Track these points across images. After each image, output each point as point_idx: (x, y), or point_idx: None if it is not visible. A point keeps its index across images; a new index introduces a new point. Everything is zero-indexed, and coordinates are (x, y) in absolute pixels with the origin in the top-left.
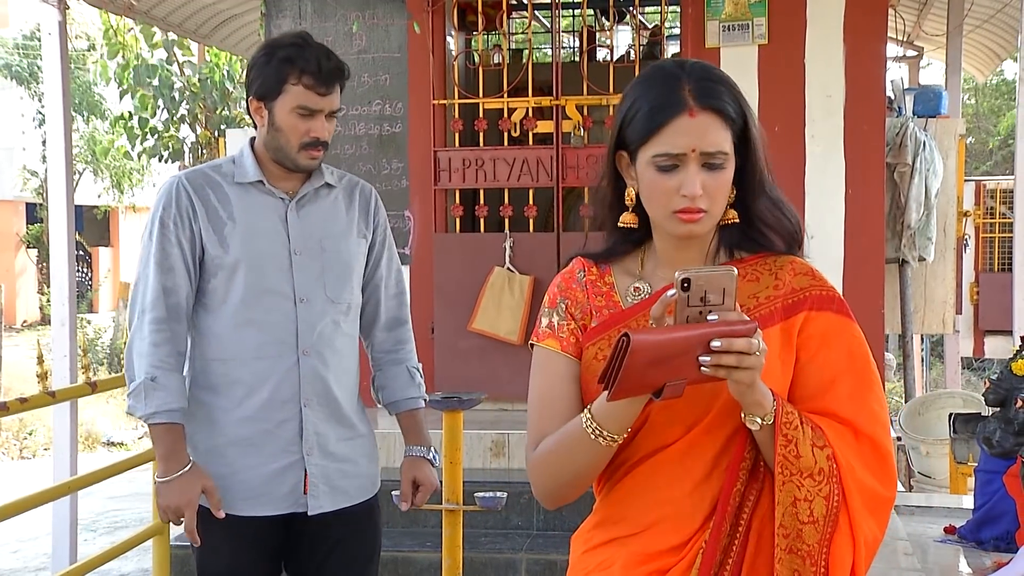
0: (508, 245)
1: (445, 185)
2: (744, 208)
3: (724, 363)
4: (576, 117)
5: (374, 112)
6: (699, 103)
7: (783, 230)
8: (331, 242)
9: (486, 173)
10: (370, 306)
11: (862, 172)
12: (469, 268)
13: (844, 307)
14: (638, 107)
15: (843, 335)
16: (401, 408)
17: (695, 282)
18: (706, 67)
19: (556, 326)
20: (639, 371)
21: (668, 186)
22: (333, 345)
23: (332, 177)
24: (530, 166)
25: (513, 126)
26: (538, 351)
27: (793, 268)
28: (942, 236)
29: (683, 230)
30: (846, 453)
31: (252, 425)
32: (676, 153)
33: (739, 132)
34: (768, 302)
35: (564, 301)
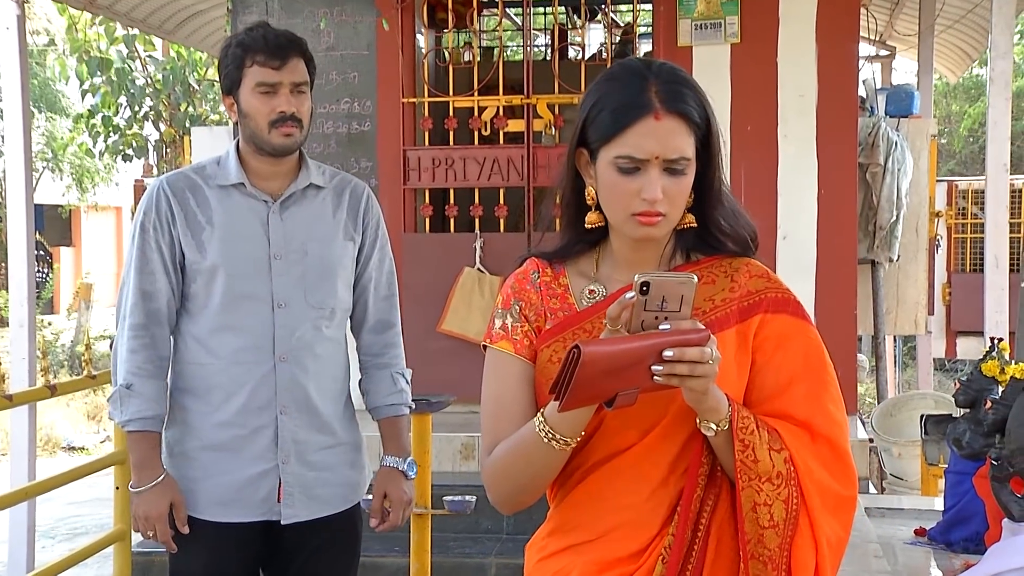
0: (478, 245)
1: (414, 184)
2: (701, 213)
3: (677, 372)
4: (547, 116)
5: (342, 110)
6: (666, 107)
7: (738, 237)
8: (315, 245)
9: (456, 172)
10: (359, 308)
11: (835, 172)
12: (439, 268)
13: (800, 309)
14: (602, 105)
15: (799, 337)
16: (382, 414)
17: (654, 287)
18: (673, 69)
19: (510, 328)
20: (590, 382)
21: (628, 188)
22: (314, 351)
23: (321, 177)
24: (501, 165)
25: (483, 125)
26: (491, 353)
27: (749, 270)
28: (914, 237)
29: (641, 233)
30: (803, 455)
31: (228, 430)
32: (639, 157)
33: (703, 138)
34: (724, 304)
35: (518, 303)
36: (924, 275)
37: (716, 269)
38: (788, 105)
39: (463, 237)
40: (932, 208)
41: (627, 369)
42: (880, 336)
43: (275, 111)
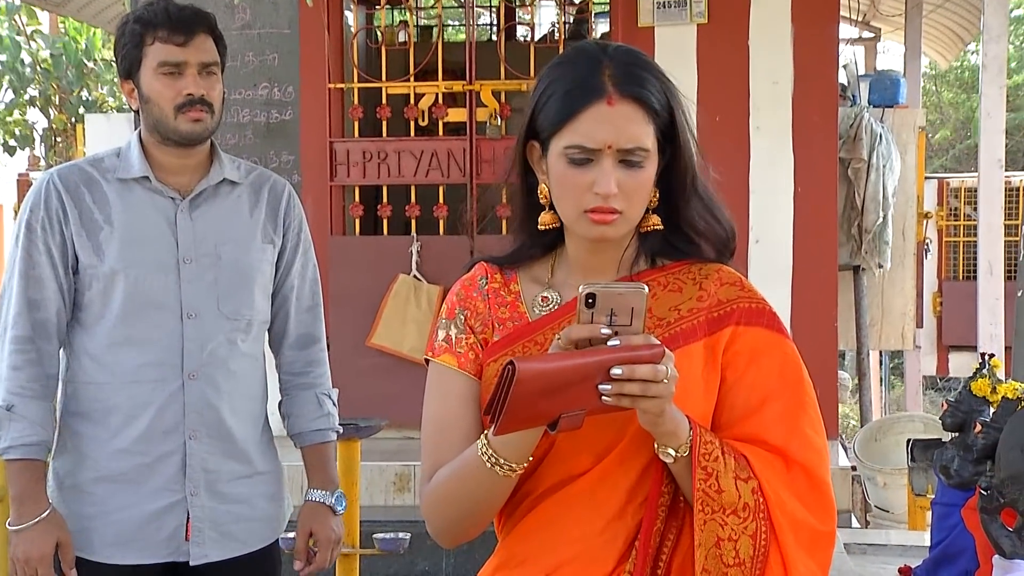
0: (414, 250)
1: (342, 181)
2: (671, 212)
3: (627, 392)
4: (492, 104)
5: (260, 97)
6: (620, 90)
7: (715, 237)
8: (229, 248)
9: (390, 167)
10: (278, 320)
11: (813, 168)
12: (369, 276)
13: (776, 321)
14: (552, 91)
15: (774, 352)
16: (306, 441)
17: (601, 298)
18: (632, 51)
19: (453, 340)
20: (527, 402)
21: (580, 182)
22: (228, 367)
23: (236, 172)
24: (440, 160)
25: (421, 114)
26: (433, 368)
27: (720, 277)
28: (900, 240)
29: (595, 232)
30: (775, 485)
31: (128, 459)
32: (591, 147)
33: (665, 127)
34: (691, 315)
35: (463, 312)
36: (912, 283)
37: (683, 276)
38: (761, 93)
39: (397, 240)
40: (920, 208)
41: (570, 388)
42: (863, 351)
43: (181, 94)
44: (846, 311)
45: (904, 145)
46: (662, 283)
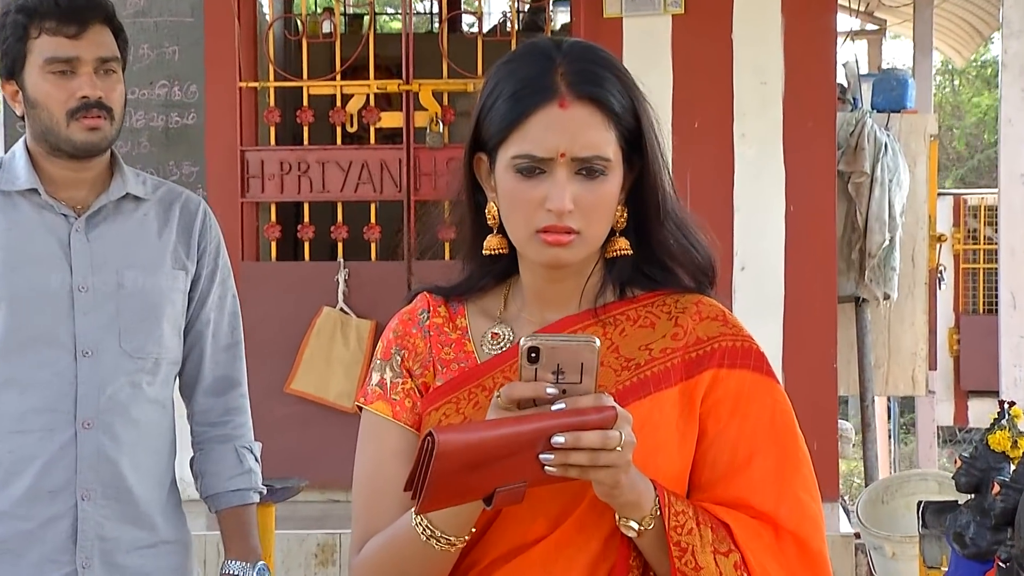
0: (341, 278)
1: (256, 197)
2: (641, 235)
3: (573, 462)
4: (433, 108)
5: (157, 97)
6: (574, 91)
7: (690, 264)
8: (133, 275)
9: (312, 181)
10: (191, 361)
11: (807, 182)
12: (288, 309)
13: (764, 362)
14: (498, 94)
15: (763, 400)
16: (222, 503)
17: (546, 353)
18: (590, 47)
19: (388, 385)
20: (452, 478)
21: (530, 197)
22: (130, 415)
23: (142, 187)
24: (372, 172)
25: (349, 119)
26: (366, 417)
27: (699, 311)
28: (910, 267)
29: (547, 255)
30: (761, 557)
31: (7, 523)
32: (540, 155)
33: (630, 135)
34: (664, 356)
35: (400, 351)
36: (924, 317)
37: (657, 309)
38: (746, 95)
39: (321, 267)
40: (933, 230)
41: (505, 460)
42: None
43: (74, 96)
44: (847, 350)
45: (913, 156)
46: (631, 317)
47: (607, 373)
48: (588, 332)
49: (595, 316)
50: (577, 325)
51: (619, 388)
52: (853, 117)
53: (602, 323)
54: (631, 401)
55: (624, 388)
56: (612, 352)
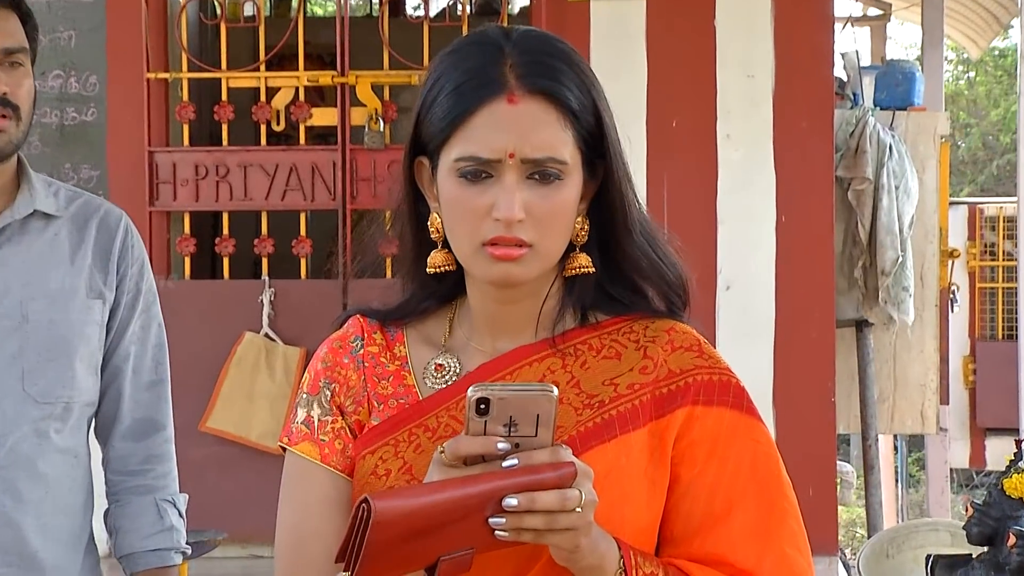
0: (266, 299)
1: (167, 205)
2: (606, 251)
3: (527, 526)
4: (372, 103)
5: (50, 90)
6: (525, 84)
7: (660, 283)
8: (41, 307)
9: (232, 187)
10: (108, 400)
11: (801, 190)
12: (204, 335)
13: (745, 399)
14: (440, 89)
15: (743, 442)
16: (139, 565)
17: (496, 404)
18: (545, 37)
19: (316, 423)
20: (391, 548)
21: (475, 205)
22: (35, 469)
23: (53, 201)
24: (302, 177)
25: (275, 115)
26: (291, 460)
27: (671, 340)
28: (919, 287)
29: (496, 272)
30: None
31: None
32: (486, 157)
33: (590, 137)
34: (632, 392)
35: (330, 385)
36: (934, 344)
37: (623, 337)
38: (732, 90)
39: (243, 286)
40: (944, 244)
41: (450, 526)
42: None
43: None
44: (847, 382)
45: (922, 160)
46: (594, 347)
47: (566, 412)
48: (546, 363)
49: (553, 346)
50: (532, 356)
51: (580, 430)
52: (853, 115)
53: (561, 354)
54: (594, 445)
55: (586, 430)
56: (572, 388)
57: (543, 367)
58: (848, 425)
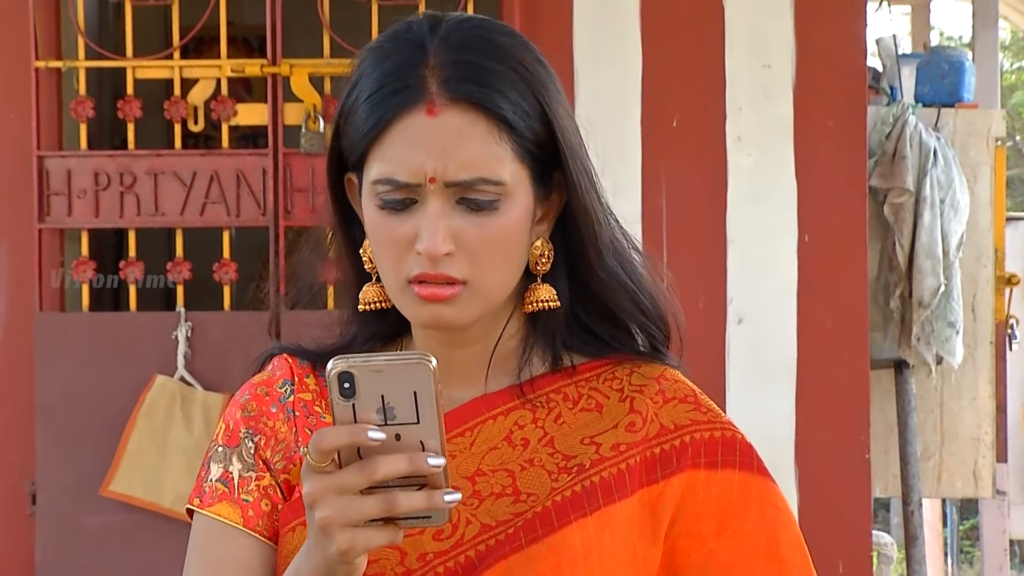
0: (182, 335)
1: (60, 222)
2: (577, 280)
3: None
4: (310, 98)
5: None
6: (446, 91)
7: (635, 313)
8: None
9: (140, 200)
10: None
11: (827, 203)
12: (106, 379)
13: (754, 458)
14: (357, 94)
15: (758, 510)
16: None
17: (362, 381)
18: (480, 28)
19: (236, 480)
20: None
21: (396, 235)
22: None
23: None
24: (225, 187)
25: (192, 112)
26: (202, 524)
27: (662, 390)
28: (970, 320)
29: (425, 314)
30: None
31: None
32: (403, 180)
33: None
34: (617, 454)
35: (254, 436)
36: (989, 389)
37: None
38: (744, 83)
39: (153, 320)
40: (1000, 269)
41: None
42: (915, 500)
43: None
44: (885, 435)
45: (973, 167)
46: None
47: (539, 476)
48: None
49: (521, 395)
50: (497, 408)
51: (556, 500)
52: (890, 114)
53: (531, 405)
54: (573, 519)
55: (563, 499)
56: (546, 447)
57: (509, 421)
58: (886, 487)
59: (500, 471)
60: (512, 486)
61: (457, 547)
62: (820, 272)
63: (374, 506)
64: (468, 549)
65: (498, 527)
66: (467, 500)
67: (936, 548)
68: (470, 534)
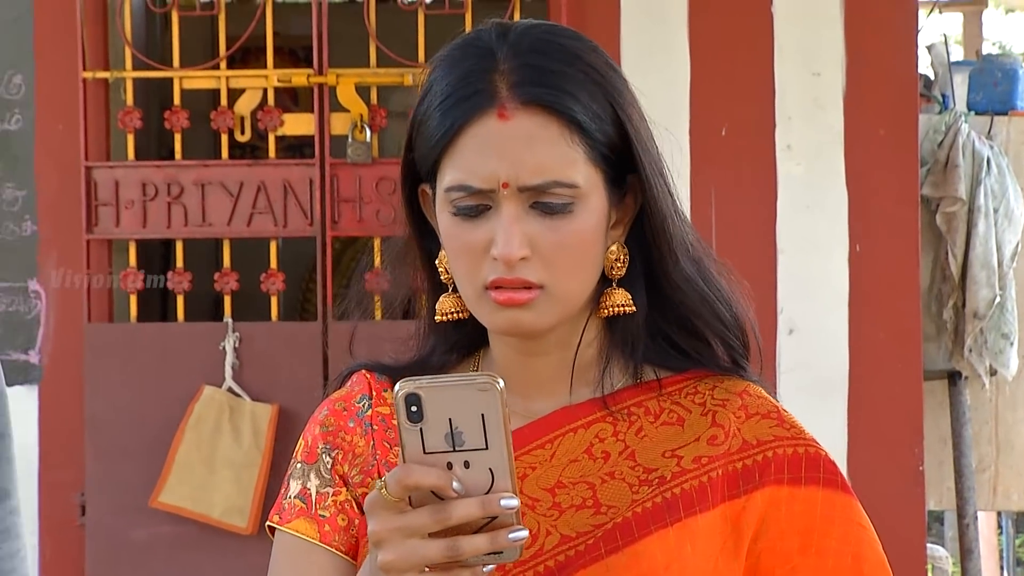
0: (230, 345)
1: (108, 232)
2: (654, 286)
3: None
4: (357, 108)
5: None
6: (518, 95)
7: (714, 322)
8: None
9: (188, 210)
10: None
11: (879, 213)
12: (153, 390)
13: (838, 475)
14: (430, 102)
15: (843, 527)
16: None
17: (430, 403)
18: (549, 33)
19: (314, 496)
20: None
21: (472, 241)
22: None
23: None
24: (272, 198)
25: (239, 123)
26: (283, 541)
27: (744, 405)
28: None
29: (502, 320)
30: None
31: None
32: (477, 186)
33: (608, 150)
34: (699, 467)
35: (331, 451)
36: None
37: (686, 399)
38: (793, 91)
39: (201, 330)
40: None
41: None
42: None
43: None
44: (939, 447)
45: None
46: (652, 411)
47: (620, 488)
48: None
49: (604, 407)
50: (578, 421)
51: (636, 511)
52: (942, 122)
53: (612, 417)
54: (653, 529)
55: (644, 511)
56: (626, 459)
57: (590, 434)
58: (941, 500)
59: (580, 483)
60: (592, 498)
61: (537, 557)
62: (872, 283)
63: (439, 553)
64: (548, 559)
65: (578, 538)
66: (547, 512)
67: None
68: (550, 544)
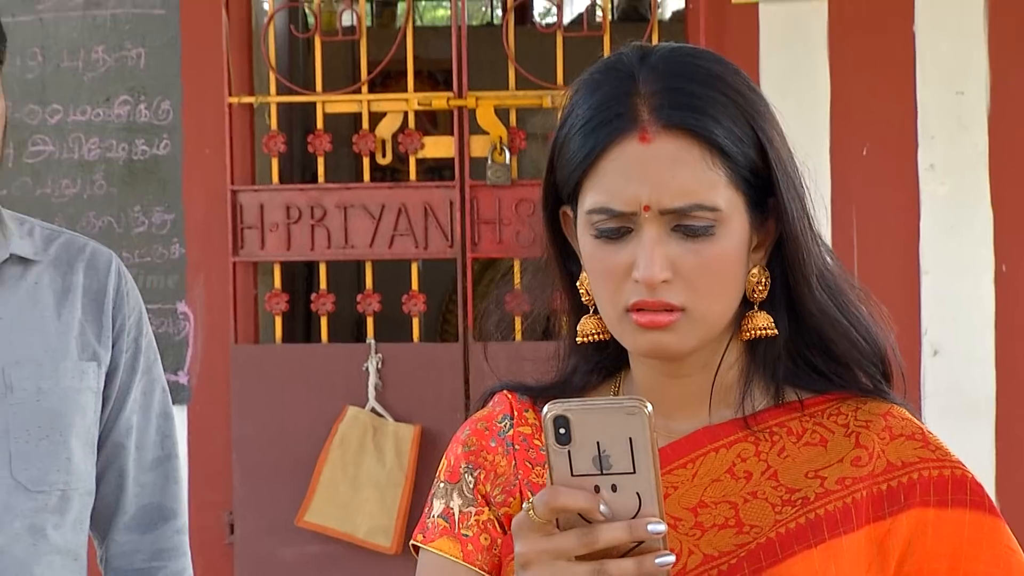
0: (373, 366)
1: (253, 255)
2: (792, 312)
3: None
4: (496, 130)
5: (116, 118)
6: (659, 119)
7: (850, 350)
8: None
9: (331, 232)
10: (108, 484)
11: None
12: (297, 410)
13: (985, 498)
14: (571, 125)
15: (992, 551)
16: None
17: (578, 426)
18: (689, 56)
19: (457, 515)
20: None
21: (613, 264)
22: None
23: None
24: (412, 220)
25: (380, 146)
26: (427, 560)
27: (888, 427)
28: None
29: (644, 342)
30: None
31: None
32: (619, 209)
33: (750, 173)
34: (843, 488)
35: (474, 471)
36: None
37: (830, 420)
38: (936, 111)
39: (344, 351)
40: None
41: None
42: None
43: None
44: None
45: None
46: (794, 431)
47: (763, 508)
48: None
49: (747, 427)
50: (720, 440)
51: (780, 531)
52: None
53: (755, 437)
54: (797, 550)
55: (787, 531)
56: (769, 479)
57: (732, 454)
58: None
59: (722, 503)
60: (735, 518)
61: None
62: (1019, 303)
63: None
64: None
65: (721, 558)
66: (689, 531)
67: None
68: (692, 564)
